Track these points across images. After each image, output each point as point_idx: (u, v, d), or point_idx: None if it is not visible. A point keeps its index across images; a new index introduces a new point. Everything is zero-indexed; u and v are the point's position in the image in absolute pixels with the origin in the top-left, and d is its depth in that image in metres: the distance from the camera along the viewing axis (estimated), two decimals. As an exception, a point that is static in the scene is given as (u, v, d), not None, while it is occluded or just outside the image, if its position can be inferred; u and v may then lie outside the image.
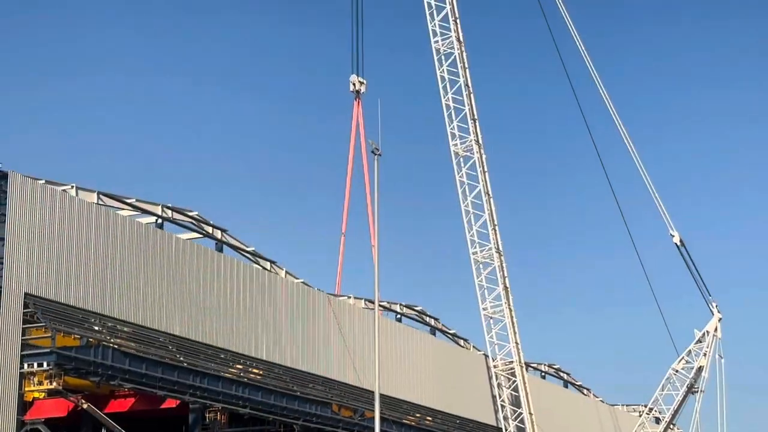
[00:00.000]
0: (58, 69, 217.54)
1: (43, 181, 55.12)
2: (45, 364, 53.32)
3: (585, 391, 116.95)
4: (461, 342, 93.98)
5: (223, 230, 69.41)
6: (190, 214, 67.73)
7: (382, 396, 67.61)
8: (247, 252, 70.70)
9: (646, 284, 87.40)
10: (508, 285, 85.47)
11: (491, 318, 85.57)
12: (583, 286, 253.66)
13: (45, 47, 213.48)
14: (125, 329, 58.04)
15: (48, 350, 53.39)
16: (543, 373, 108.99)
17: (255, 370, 66.87)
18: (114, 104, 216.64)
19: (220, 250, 68.19)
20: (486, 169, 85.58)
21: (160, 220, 64.52)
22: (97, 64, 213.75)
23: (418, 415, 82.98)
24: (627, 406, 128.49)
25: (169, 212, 65.74)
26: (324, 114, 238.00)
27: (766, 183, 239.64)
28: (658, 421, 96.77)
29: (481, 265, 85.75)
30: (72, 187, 57.66)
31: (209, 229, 68.85)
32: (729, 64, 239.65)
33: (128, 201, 62.27)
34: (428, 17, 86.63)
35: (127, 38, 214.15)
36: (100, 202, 59.02)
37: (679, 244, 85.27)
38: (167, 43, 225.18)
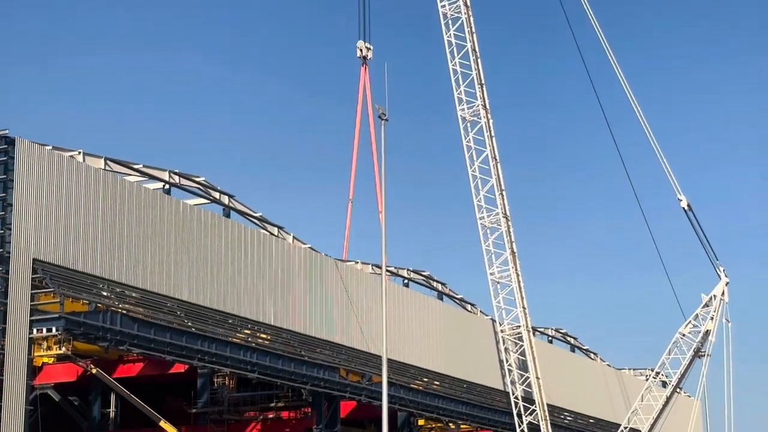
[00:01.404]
0: (68, 40, 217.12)
1: (50, 148, 55.12)
2: (54, 329, 53.54)
3: (592, 356, 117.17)
4: (468, 307, 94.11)
5: (230, 196, 69.41)
6: (198, 179, 67.73)
7: (389, 361, 67.78)
8: (255, 217, 70.72)
9: (653, 251, 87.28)
10: (515, 250, 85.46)
11: (498, 283, 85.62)
12: (591, 253, 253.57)
13: (55, 20, 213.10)
14: (133, 295, 58.21)
15: (57, 315, 53.60)
16: (550, 338, 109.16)
17: (263, 335, 67.07)
18: (120, 74, 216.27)
19: (228, 215, 68.22)
20: (493, 134, 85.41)
21: (167, 186, 64.54)
22: (101, 33, 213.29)
23: (425, 379, 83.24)
24: (634, 370, 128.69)
25: (177, 178, 65.74)
26: (331, 80, 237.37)
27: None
28: (664, 384, 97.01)
29: (488, 230, 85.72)
30: (79, 153, 57.67)
31: (216, 195, 68.87)
32: (736, 32, 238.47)
33: (135, 167, 62.26)
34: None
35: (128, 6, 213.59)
36: (108, 168, 59.03)
37: (686, 208, 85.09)
38: (175, 14, 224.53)
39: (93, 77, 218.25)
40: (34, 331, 53.34)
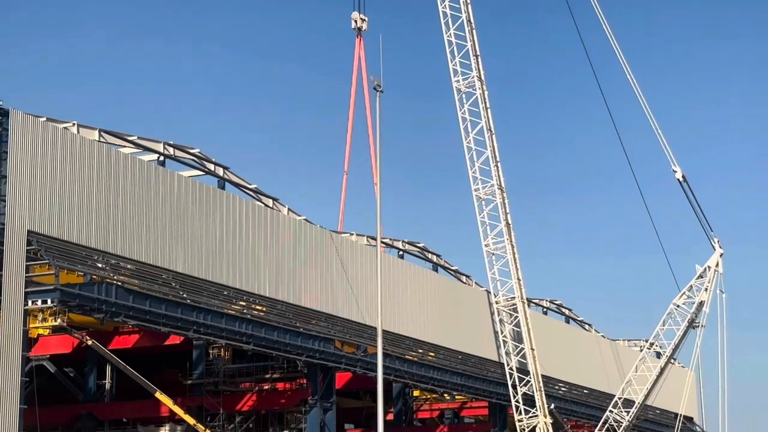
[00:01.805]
0: (62, 13, 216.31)
1: (45, 119, 54.99)
2: (49, 301, 53.57)
3: (587, 327, 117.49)
4: (463, 278, 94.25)
5: (225, 168, 69.33)
6: (192, 151, 67.63)
7: (384, 332, 67.95)
8: (250, 189, 70.66)
9: (649, 225, 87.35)
10: (510, 221, 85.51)
11: (493, 254, 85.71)
12: (587, 227, 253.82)
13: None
14: (128, 266, 58.22)
15: (52, 287, 53.64)
16: (545, 309, 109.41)
17: (258, 307, 67.16)
18: (114, 46, 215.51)
19: (223, 187, 68.16)
20: (488, 106, 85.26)
21: (162, 158, 64.43)
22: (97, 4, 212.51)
23: (420, 350, 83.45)
24: (628, 341, 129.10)
25: (171, 150, 65.64)
26: (326, 52, 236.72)
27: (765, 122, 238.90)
28: (659, 355, 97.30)
29: (483, 202, 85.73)
30: (73, 124, 57.54)
31: (211, 167, 68.78)
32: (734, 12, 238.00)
33: (130, 139, 62.14)
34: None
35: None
36: (102, 140, 58.91)
37: (681, 179, 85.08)
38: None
39: (85, 58, 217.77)
40: (29, 303, 53.36)
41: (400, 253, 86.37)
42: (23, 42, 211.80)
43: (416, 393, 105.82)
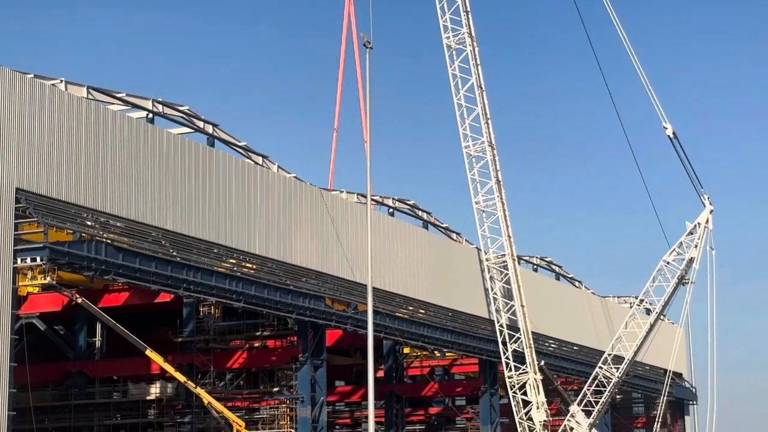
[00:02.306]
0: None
1: (32, 76, 54.62)
2: (38, 259, 53.50)
3: (577, 284, 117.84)
4: (454, 235, 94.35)
5: (214, 125, 69.09)
6: (181, 108, 67.35)
7: (374, 289, 68.07)
8: (239, 147, 70.48)
9: (639, 182, 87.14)
10: (500, 178, 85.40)
11: (484, 212, 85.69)
12: (576, 184, 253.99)
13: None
14: (118, 224, 58.10)
15: (41, 245, 53.55)
16: (535, 266, 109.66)
17: (248, 265, 67.18)
18: (102, 5, 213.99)
19: (212, 144, 67.96)
20: (479, 62, 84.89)
21: (150, 115, 64.17)
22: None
23: (410, 308, 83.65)
24: (618, 297, 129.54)
25: (160, 107, 65.36)
26: (316, 9, 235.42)
27: (759, 74, 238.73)
28: (648, 312, 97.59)
29: (473, 159, 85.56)
30: (61, 81, 57.19)
31: (200, 124, 68.54)
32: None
33: (118, 96, 61.83)
34: None
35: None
36: (90, 97, 58.59)
37: (671, 136, 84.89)
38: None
39: (73, 18, 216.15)
40: (19, 261, 53.28)
41: (391, 210, 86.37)
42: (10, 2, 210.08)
43: (406, 350, 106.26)
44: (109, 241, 57.14)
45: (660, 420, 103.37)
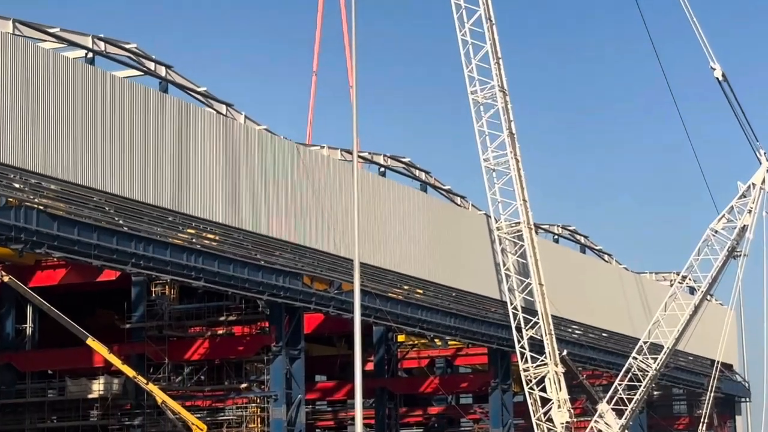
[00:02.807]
0: None
1: (-54, 7, 54.37)
2: (-45, 229, 53.51)
3: (606, 257, 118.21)
4: (458, 200, 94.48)
5: (167, 66, 68.92)
6: (127, 47, 67.15)
7: (362, 265, 68.19)
8: (198, 93, 70.36)
9: (680, 133, 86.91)
10: (514, 130, 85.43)
11: (494, 170, 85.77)
12: (603, 139, 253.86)
13: None
14: (52, 187, 58.02)
15: (-41, 213, 53.55)
16: (556, 236, 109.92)
17: (210, 236, 67.26)
18: None
19: (165, 90, 67.82)
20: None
21: (90, 55, 63.96)
22: None
23: (406, 287, 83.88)
24: (656, 273, 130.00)
25: (102, 45, 65.12)
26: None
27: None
28: (692, 291, 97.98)
29: (481, 107, 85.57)
30: (-19, 14, 57.00)
31: (151, 66, 68.35)
32: None
33: (51, 31, 61.56)
34: None
35: None
36: (17, 32, 58.36)
37: (720, 79, 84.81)
38: None
39: None
40: (-68, 231, 53.32)
41: (382, 169, 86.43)
42: None
43: (401, 338, 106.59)
44: (41, 207, 57.10)
45: (706, 420, 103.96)
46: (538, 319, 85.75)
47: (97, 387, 78.61)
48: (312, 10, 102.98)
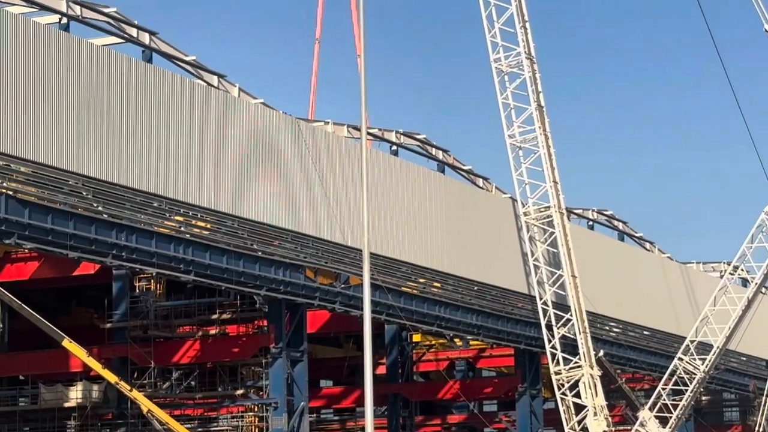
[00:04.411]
0: None
1: None
2: None
3: (648, 246, 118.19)
4: (479, 181, 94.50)
5: (152, 33, 68.98)
6: (106, 11, 67.18)
7: (373, 255, 68.23)
8: (186, 62, 70.43)
9: (730, 108, 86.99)
10: (542, 103, 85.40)
11: (520, 148, 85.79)
12: (644, 117, 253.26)
13: None
14: (22, 169, 58.12)
15: None
16: (591, 222, 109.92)
17: (201, 223, 67.33)
18: None
19: (149, 59, 67.88)
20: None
21: (64, 20, 64.02)
22: None
23: (422, 280, 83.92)
24: (704, 264, 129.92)
25: (78, 9, 65.20)
26: None
27: None
28: (745, 283, 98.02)
29: (506, 77, 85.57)
30: (-59, -26, 57.06)
31: (133, 32, 68.41)
32: None
33: (20, -7, 61.71)
34: None
35: None
36: (-18, -4, 58.47)
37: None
38: None
39: None
40: None
41: (394, 148, 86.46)
42: None
43: (416, 338, 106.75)
44: (10, 192, 57.19)
45: (761, 429, 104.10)
46: (570, 315, 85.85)
47: (75, 394, 78.68)
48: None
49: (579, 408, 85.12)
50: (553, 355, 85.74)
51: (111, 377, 70.84)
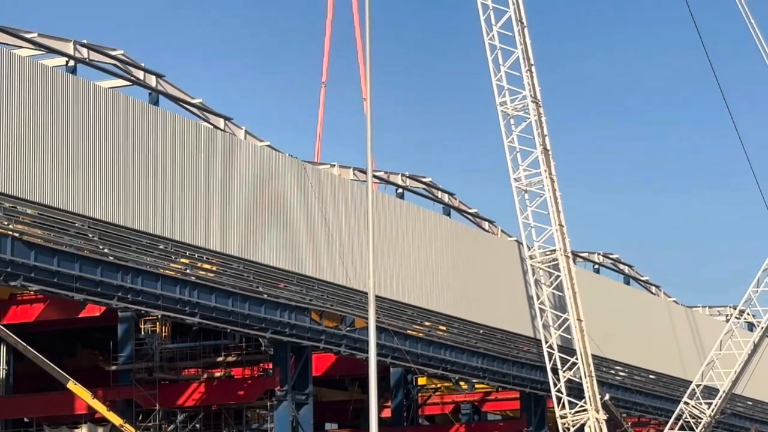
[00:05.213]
0: None
1: None
2: None
3: (654, 290, 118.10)
4: (485, 225, 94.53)
5: (159, 75, 69.17)
6: (113, 54, 67.41)
7: (378, 298, 68.14)
8: (193, 105, 70.58)
9: (735, 152, 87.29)
10: (548, 146, 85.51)
11: (526, 192, 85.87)
12: (647, 160, 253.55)
13: None
14: (28, 211, 58.18)
15: (-76, 241, 53.77)
16: (597, 266, 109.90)
17: (206, 266, 67.33)
18: None
19: (156, 102, 68.03)
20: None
21: (71, 63, 64.20)
22: None
23: (427, 323, 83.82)
24: (710, 308, 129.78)
25: (85, 52, 65.39)
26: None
27: None
28: (751, 327, 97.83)
29: (512, 120, 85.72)
30: (-51, 17, 57.27)
31: (140, 75, 68.59)
32: None
33: (28, 37, 61.88)
34: None
35: None
36: (-10, 39, 58.70)
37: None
38: None
39: None
40: None
41: (400, 191, 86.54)
42: None
43: (422, 381, 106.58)
44: (16, 234, 57.24)
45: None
46: (576, 359, 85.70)
47: (80, 437, 78.69)
48: (321, 14, 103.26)
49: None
50: (559, 399, 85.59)
51: (116, 420, 70.75)
